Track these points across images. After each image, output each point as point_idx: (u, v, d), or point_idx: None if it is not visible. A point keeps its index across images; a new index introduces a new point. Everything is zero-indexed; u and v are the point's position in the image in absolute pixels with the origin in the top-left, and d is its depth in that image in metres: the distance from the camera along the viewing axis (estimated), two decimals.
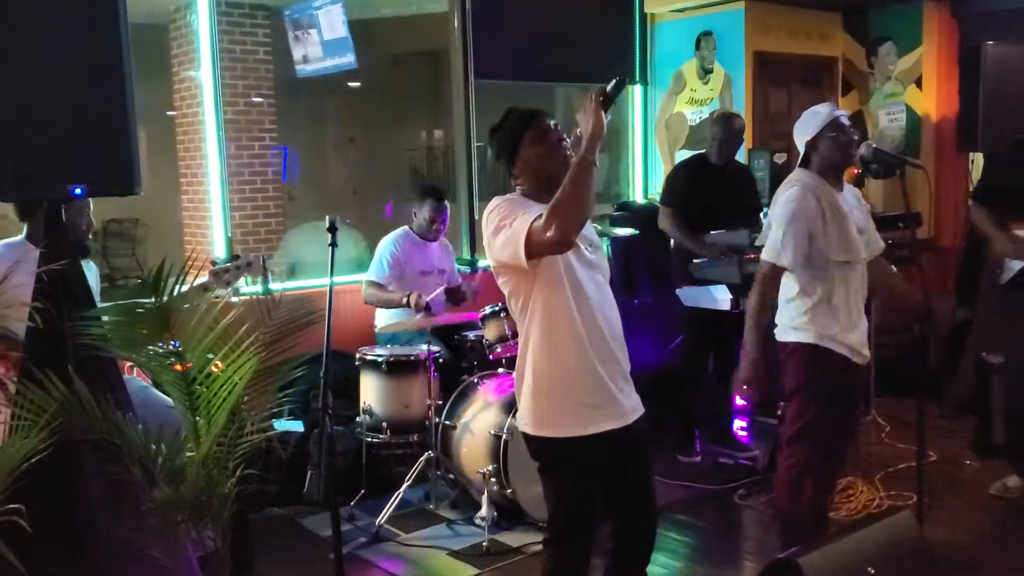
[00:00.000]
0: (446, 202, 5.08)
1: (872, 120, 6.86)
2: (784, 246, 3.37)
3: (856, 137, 3.50)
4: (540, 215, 2.48)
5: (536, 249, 2.49)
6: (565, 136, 2.71)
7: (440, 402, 4.48)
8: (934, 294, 4.69)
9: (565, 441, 2.66)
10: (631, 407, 2.76)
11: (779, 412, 4.47)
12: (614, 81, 2.53)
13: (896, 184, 3.81)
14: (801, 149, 3.54)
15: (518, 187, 2.75)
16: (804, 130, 3.52)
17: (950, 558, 3.66)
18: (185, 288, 2.66)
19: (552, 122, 2.72)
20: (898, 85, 6.70)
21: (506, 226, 2.55)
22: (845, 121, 3.47)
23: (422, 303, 4.68)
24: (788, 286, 3.48)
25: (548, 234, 2.44)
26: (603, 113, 2.51)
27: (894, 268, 3.90)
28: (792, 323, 3.50)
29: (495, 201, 2.66)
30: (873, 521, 3.22)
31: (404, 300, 4.75)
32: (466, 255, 5.96)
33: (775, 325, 3.58)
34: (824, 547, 2.90)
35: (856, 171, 5.65)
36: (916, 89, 6.60)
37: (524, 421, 2.73)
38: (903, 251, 4.95)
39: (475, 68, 5.96)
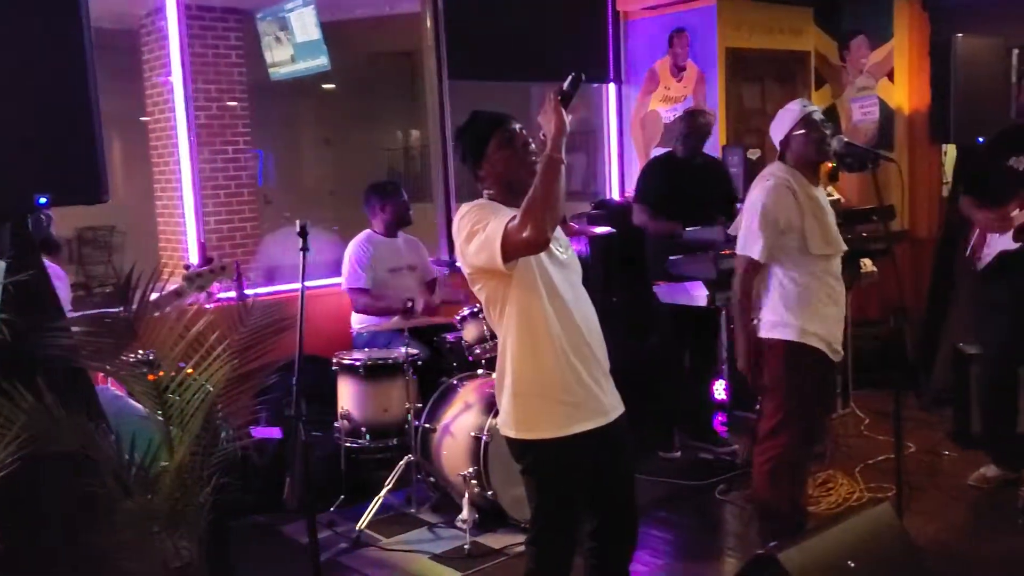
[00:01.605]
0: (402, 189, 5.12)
1: (845, 114, 6.89)
2: (755, 241, 3.40)
3: (829, 133, 3.51)
4: (513, 217, 2.48)
5: (513, 251, 2.49)
6: (531, 140, 2.70)
7: (419, 405, 4.46)
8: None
9: (547, 443, 2.65)
10: (611, 405, 2.76)
11: (757, 407, 4.50)
12: (570, 77, 2.52)
13: (869, 177, 3.82)
14: (776, 146, 3.56)
15: (485, 191, 2.75)
16: (778, 128, 3.55)
17: (930, 549, 3.68)
18: (156, 296, 2.63)
19: (518, 126, 2.71)
20: (870, 79, 6.73)
21: (479, 231, 2.54)
22: (818, 117, 3.49)
23: (419, 306, 4.70)
24: (769, 281, 3.50)
25: (524, 234, 2.44)
26: (564, 111, 2.50)
27: (866, 265, 3.93)
28: (773, 319, 3.51)
29: (464, 207, 2.65)
30: (853, 514, 3.23)
31: (405, 305, 4.72)
32: (443, 255, 5.93)
33: (758, 320, 3.60)
34: (804, 542, 2.91)
35: (830, 165, 5.67)
36: (888, 82, 6.63)
37: (505, 424, 2.72)
38: (877, 244, 4.97)
39: (448, 68, 5.95)
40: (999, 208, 4.22)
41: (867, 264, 5.31)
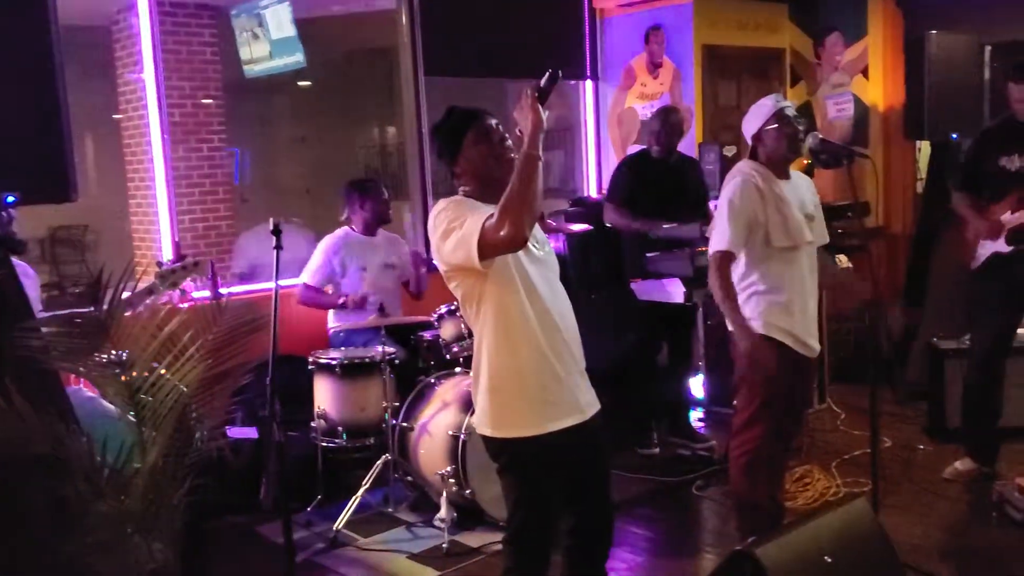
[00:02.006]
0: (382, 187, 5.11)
1: (820, 110, 6.92)
2: (723, 234, 3.45)
3: (802, 128, 3.53)
4: (491, 215, 2.45)
5: (490, 249, 2.46)
6: (507, 136, 2.68)
7: (397, 404, 4.44)
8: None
9: (524, 441, 2.64)
10: (588, 402, 2.75)
11: (735, 402, 4.52)
12: (547, 74, 2.51)
13: (845, 174, 3.84)
14: (748, 142, 3.58)
15: (461, 188, 2.73)
16: (751, 122, 3.56)
17: (905, 543, 3.69)
18: (128, 294, 2.60)
19: (494, 121, 2.70)
20: (845, 75, 6.76)
21: (456, 228, 2.51)
22: (790, 112, 3.50)
23: (356, 297, 4.75)
24: (736, 275, 3.52)
25: (502, 233, 2.42)
26: (540, 107, 2.48)
27: (842, 261, 3.94)
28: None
29: (440, 204, 2.63)
30: (830, 509, 3.25)
31: (341, 301, 4.83)
32: (421, 252, 5.91)
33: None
34: (781, 537, 2.92)
35: (805, 162, 5.70)
36: (863, 79, 6.67)
37: (482, 423, 2.71)
38: (852, 239, 5.00)
39: (425, 65, 5.93)
40: (993, 205, 4.26)
41: (843, 260, 5.34)
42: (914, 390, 5.64)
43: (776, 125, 3.47)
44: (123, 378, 2.60)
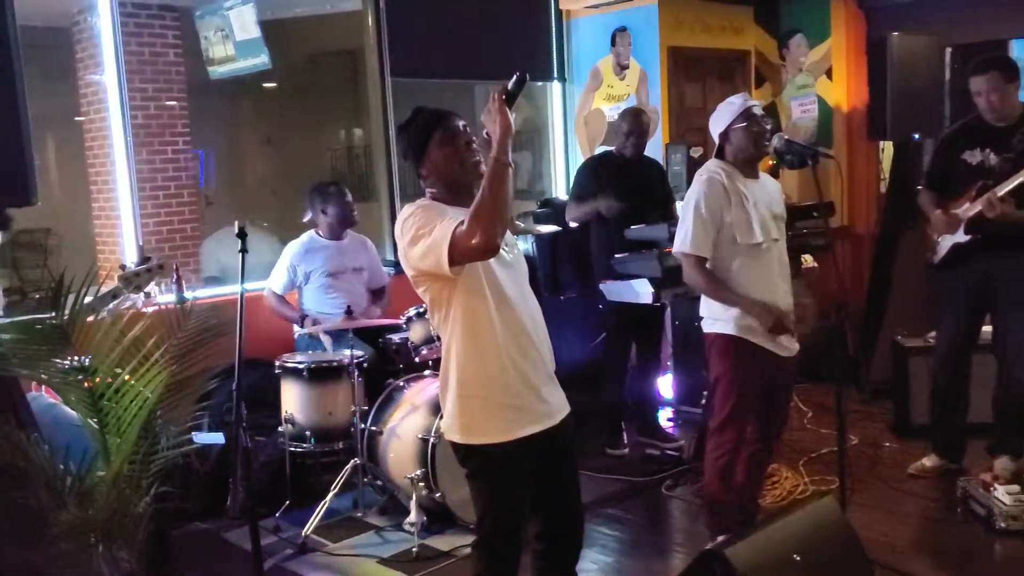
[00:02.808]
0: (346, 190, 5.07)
1: (785, 112, 6.98)
2: (688, 236, 3.48)
3: (769, 127, 3.56)
4: (461, 221, 2.43)
5: (461, 257, 2.44)
6: (474, 138, 2.66)
7: (365, 408, 4.41)
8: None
9: (492, 447, 2.62)
10: (557, 407, 2.75)
11: (703, 401, 4.55)
12: (515, 77, 2.48)
13: (810, 174, 3.87)
14: (716, 140, 3.60)
15: (428, 190, 2.70)
16: (718, 121, 3.58)
17: (872, 539, 3.73)
18: (90, 299, 2.56)
19: (461, 123, 2.66)
20: (809, 77, 6.83)
21: (425, 235, 2.48)
22: (758, 111, 3.53)
23: (316, 330, 4.72)
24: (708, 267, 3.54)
25: (473, 241, 2.39)
26: (508, 111, 2.46)
27: (807, 261, 3.97)
28: (713, 313, 3.58)
29: (408, 209, 2.60)
30: (798, 507, 3.27)
31: (300, 321, 4.86)
32: (389, 256, 5.88)
33: (701, 317, 3.64)
34: (750, 536, 2.94)
35: (771, 163, 5.74)
36: (827, 80, 6.74)
37: (450, 428, 2.69)
38: (818, 239, 5.04)
39: (391, 67, 5.90)
40: (957, 200, 4.31)
41: (807, 259, 5.39)
42: (879, 388, 5.71)
43: (744, 123, 3.50)
44: (86, 384, 2.57)
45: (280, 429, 4.47)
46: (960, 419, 4.55)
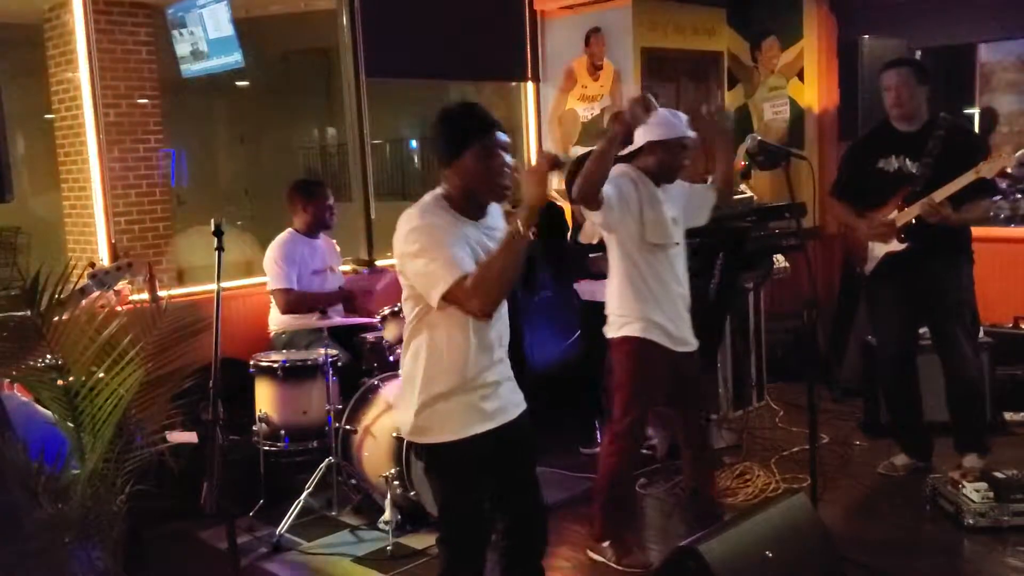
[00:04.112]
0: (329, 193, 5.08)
1: (757, 113, 7.04)
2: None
3: (688, 163, 3.67)
4: (467, 276, 2.43)
5: (453, 304, 2.47)
6: (508, 166, 2.58)
7: (340, 406, 4.41)
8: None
9: (445, 445, 2.64)
10: (513, 403, 2.77)
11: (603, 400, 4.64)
12: (575, 158, 2.49)
13: (782, 175, 3.92)
14: (642, 140, 3.62)
15: (442, 185, 2.64)
16: (657, 129, 3.58)
17: (843, 536, 3.77)
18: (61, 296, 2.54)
19: (501, 139, 2.58)
20: (781, 78, 6.89)
21: (429, 259, 2.47)
22: (689, 144, 3.64)
23: (334, 323, 4.60)
24: (616, 271, 3.67)
25: (471, 303, 2.44)
26: (548, 181, 2.45)
27: (779, 261, 4.02)
28: (617, 316, 3.71)
29: (413, 215, 2.55)
30: (770, 505, 3.31)
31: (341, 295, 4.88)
32: (363, 255, 5.87)
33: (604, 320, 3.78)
34: (723, 533, 2.97)
35: (742, 163, 5.79)
36: (799, 82, 6.80)
37: (406, 427, 2.71)
38: (789, 240, 5.08)
39: (365, 66, 5.89)
40: (878, 210, 4.33)
41: (779, 259, 5.44)
42: (850, 387, 5.77)
43: (678, 150, 3.61)
44: (60, 383, 2.55)
45: (254, 428, 4.45)
46: (916, 419, 4.59)
